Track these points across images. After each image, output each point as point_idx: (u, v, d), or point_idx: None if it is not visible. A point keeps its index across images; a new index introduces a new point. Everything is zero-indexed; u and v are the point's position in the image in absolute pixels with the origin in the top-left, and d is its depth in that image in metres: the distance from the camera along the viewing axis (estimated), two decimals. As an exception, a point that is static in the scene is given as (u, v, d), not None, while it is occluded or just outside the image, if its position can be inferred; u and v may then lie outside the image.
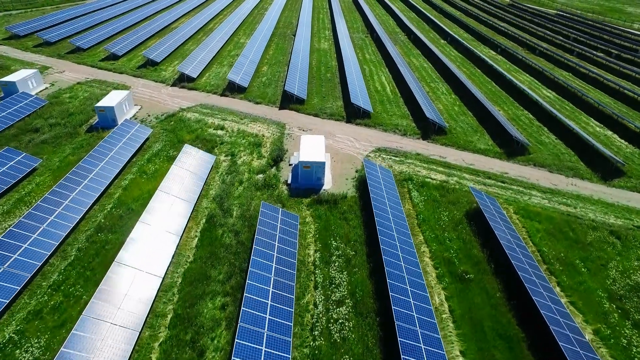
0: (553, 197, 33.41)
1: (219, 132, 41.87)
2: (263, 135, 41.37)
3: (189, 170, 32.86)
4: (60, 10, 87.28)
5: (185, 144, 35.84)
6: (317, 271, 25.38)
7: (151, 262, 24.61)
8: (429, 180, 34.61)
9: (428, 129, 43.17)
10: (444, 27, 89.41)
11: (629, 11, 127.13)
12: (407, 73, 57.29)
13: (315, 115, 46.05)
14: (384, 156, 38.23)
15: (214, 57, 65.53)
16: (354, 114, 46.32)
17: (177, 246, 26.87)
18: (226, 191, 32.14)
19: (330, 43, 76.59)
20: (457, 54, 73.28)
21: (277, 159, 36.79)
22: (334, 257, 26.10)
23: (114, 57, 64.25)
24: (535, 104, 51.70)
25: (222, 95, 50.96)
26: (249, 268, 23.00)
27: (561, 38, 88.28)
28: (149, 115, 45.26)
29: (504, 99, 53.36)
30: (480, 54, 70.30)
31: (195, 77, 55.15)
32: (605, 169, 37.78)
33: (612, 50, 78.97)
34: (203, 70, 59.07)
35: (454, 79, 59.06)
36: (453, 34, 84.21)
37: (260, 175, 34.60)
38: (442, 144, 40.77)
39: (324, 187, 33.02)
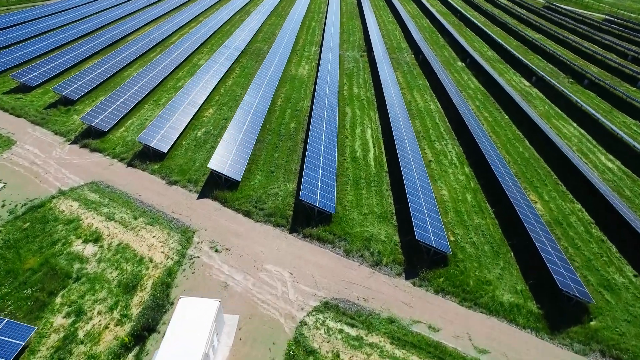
0: None
1: (88, 249, 27.04)
2: (150, 261, 26.38)
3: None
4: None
5: (-17, 308, 21.39)
6: None
7: None
8: (401, 405, 19.02)
9: (418, 255, 27.11)
10: (463, 42, 71.28)
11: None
12: (404, 126, 40.73)
13: (247, 214, 30.57)
14: (331, 324, 22.50)
15: (152, 90, 50.11)
16: (306, 214, 30.74)
17: None
18: None
19: (312, 67, 60.22)
20: (477, 87, 55.75)
21: (148, 327, 21.93)
22: None
23: (24, 88, 50.32)
24: (591, 187, 34.30)
25: (129, 164, 36.14)
26: None
27: (616, 58, 68.99)
28: (3, 206, 30.99)
29: (542, 174, 36.25)
30: (509, 87, 52.49)
31: (106, 130, 40.25)
32: None
33: (690, 81, 59.66)
34: (126, 115, 43.48)
35: (469, 136, 42.04)
36: (474, 52, 66.27)
37: (98, 380, 19.85)
38: (438, 289, 24.68)
39: None
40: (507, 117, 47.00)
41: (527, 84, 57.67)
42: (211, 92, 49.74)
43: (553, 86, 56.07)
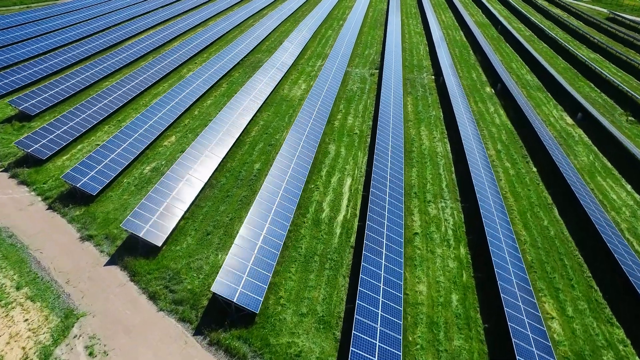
0: None
1: (-61, 331, 21.80)
2: (0, 363, 20.62)
3: None
4: None
5: None
6: None
7: None
8: None
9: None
10: (496, 61, 60.38)
11: None
12: (391, 178, 31.91)
13: (153, 297, 23.76)
14: None
15: (122, 106, 44.42)
16: (223, 307, 23.49)
17: None
18: None
19: (309, 86, 52.30)
20: (503, 123, 45.45)
21: None
22: None
23: (-8, 98, 47.14)
24: (640, 294, 24.50)
25: (50, 206, 30.71)
26: None
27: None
28: None
29: (570, 269, 25.87)
30: (543, 127, 41.51)
31: (44, 158, 35.48)
32: None
33: None
34: (77, 138, 38.09)
35: (475, 199, 32.41)
36: (508, 75, 55.52)
37: None
38: None
39: None
40: (535, 169, 36.93)
41: (570, 121, 46.59)
42: (182, 114, 43.66)
43: (604, 127, 44.74)
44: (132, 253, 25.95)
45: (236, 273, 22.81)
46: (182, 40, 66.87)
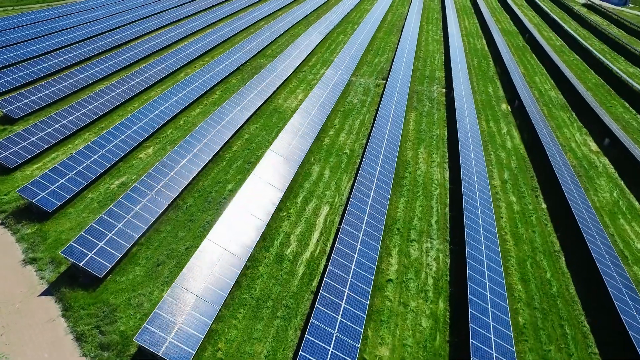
0: None
1: None
2: None
3: None
4: None
5: None
6: None
7: None
8: None
9: None
10: (516, 74, 54.80)
11: None
12: (372, 211, 27.99)
13: (80, 339, 20.96)
14: None
15: (109, 112, 42.74)
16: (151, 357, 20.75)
17: None
18: None
19: (306, 96, 49.58)
20: (516, 147, 40.42)
21: None
22: None
23: (-14, 98, 46.87)
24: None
25: (3, 221, 29.20)
26: None
27: None
28: None
29: (570, 339, 21.02)
30: (561, 154, 36.76)
31: (12, 166, 33.99)
32: None
33: None
34: (53, 146, 36.46)
35: (461, 239, 28.42)
36: (527, 91, 50.09)
37: None
38: None
39: None
40: (544, 205, 32.23)
41: (595, 147, 41.10)
42: (166, 123, 41.57)
43: (635, 157, 39.08)
44: (72, 282, 23.88)
45: (169, 319, 20.13)
46: (187, 42, 65.38)
